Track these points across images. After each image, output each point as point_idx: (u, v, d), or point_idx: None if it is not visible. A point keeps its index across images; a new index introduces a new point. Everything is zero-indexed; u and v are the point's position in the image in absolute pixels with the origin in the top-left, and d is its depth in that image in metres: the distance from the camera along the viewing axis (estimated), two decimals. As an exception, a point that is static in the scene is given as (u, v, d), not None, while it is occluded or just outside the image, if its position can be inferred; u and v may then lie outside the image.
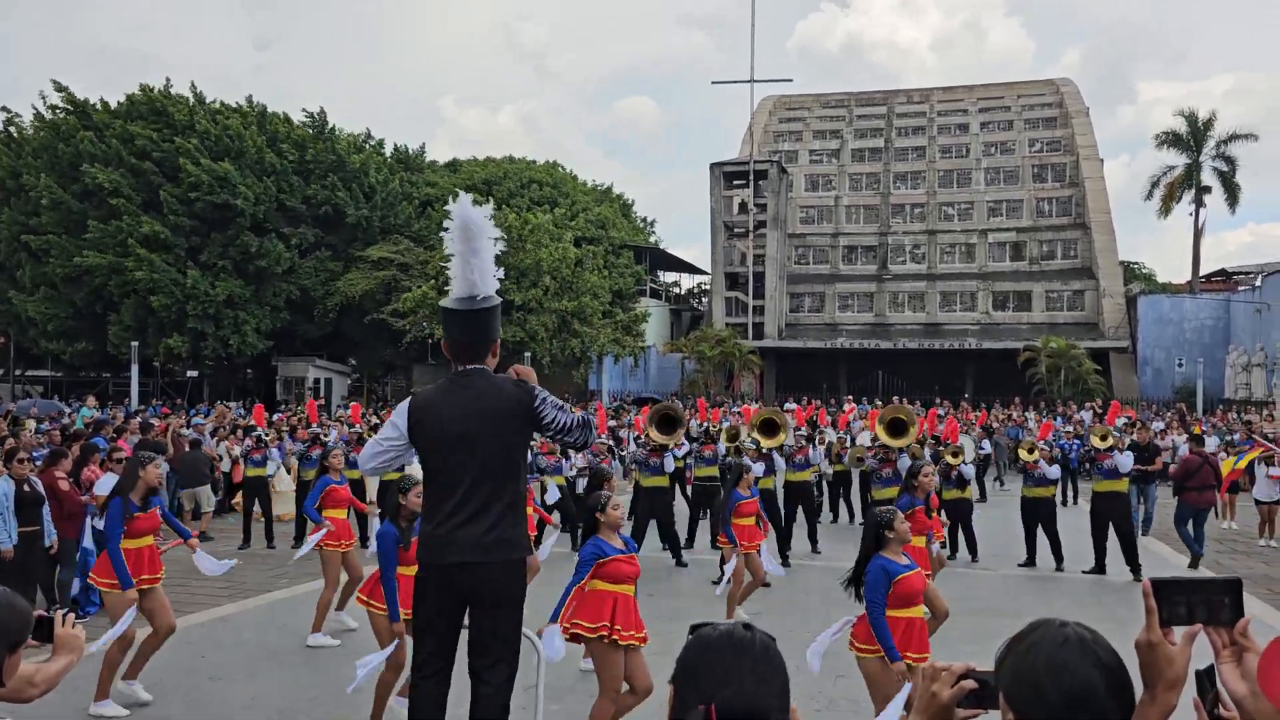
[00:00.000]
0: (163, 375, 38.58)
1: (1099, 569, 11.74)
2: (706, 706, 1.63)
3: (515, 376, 4.19)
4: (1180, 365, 40.12)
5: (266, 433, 15.36)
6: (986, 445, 21.39)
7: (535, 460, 12.95)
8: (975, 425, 24.38)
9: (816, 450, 14.60)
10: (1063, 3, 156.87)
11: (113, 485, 7.51)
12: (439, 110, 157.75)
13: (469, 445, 4.00)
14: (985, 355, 42.02)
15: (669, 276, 57.74)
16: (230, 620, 9.05)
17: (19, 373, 40.74)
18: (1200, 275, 45.81)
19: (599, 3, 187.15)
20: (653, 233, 56.18)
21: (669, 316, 50.63)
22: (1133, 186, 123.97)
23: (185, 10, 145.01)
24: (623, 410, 28.23)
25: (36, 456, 10.17)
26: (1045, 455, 12.54)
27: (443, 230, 4.30)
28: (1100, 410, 26.24)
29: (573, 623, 5.45)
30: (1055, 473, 12.51)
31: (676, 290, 58.41)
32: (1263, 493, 14.75)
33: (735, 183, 47.30)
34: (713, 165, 47.18)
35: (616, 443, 20.82)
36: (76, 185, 32.75)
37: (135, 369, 26.75)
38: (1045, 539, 12.20)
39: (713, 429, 16.02)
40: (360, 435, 14.53)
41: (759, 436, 13.07)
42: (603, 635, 5.38)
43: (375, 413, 24.18)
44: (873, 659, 5.14)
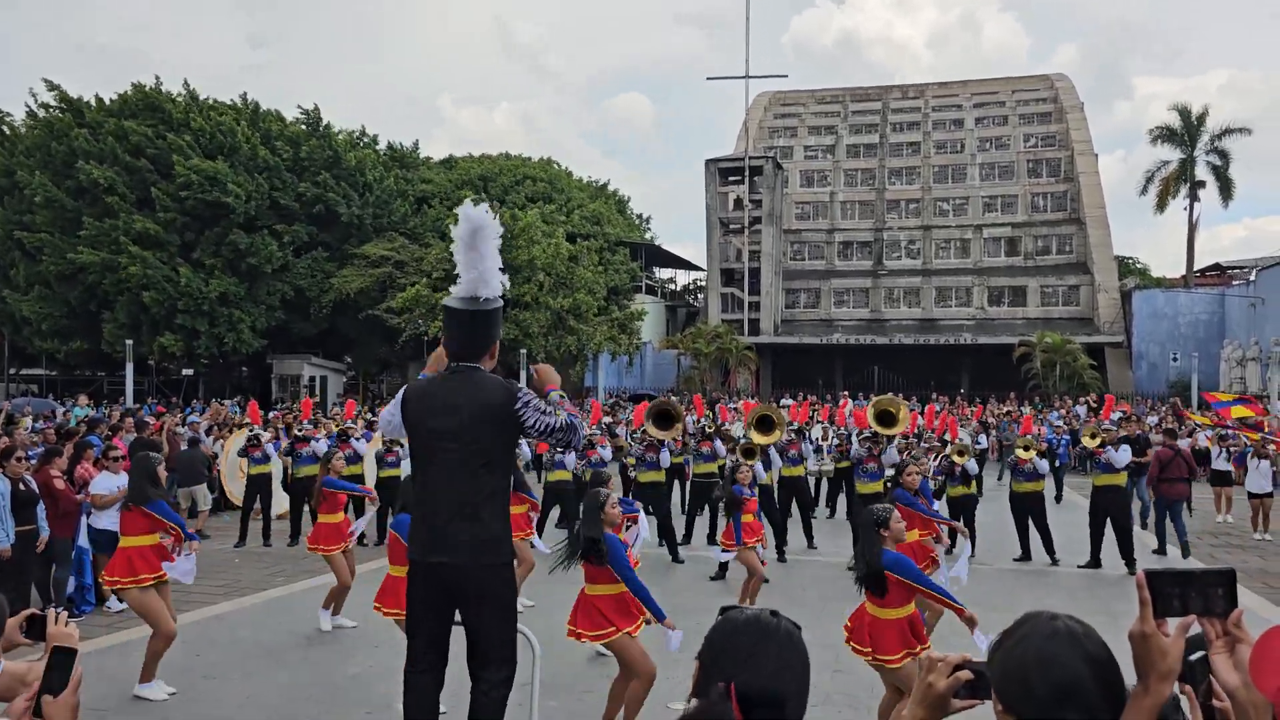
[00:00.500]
0: (158, 374, 38.47)
1: (1094, 563, 11.79)
2: (726, 685, 1.70)
3: (536, 376, 4.36)
4: (1175, 360, 40.19)
5: (263, 430, 15.28)
6: (983, 439, 21.47)
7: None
8: (972, 420, 24.50)
9: (807, 446, 14.62)
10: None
11: (124, 485, 7.83)
12: (437, 109, 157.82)
13: (451, 440, 4.07)
14: (981, 350, 42.06)
15: (665, 273, 57.80)
16: (225, 618, 9.04)
17: (13, 371, 40.64)
18: (1195, 270, 45.98)
19: (596, 2, 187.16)
20: (649, 229, 56.21)
21: (665, 313, 50.64)
22: (1128, 182, 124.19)
23: (185, 10, 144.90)
24: (619, 407, 28.20)
25: (31, 455, 10.13)
26: (1037, 448, 12.63)
27: (442, 226, 4.37)
28: (1095, 405, 26.27)
29: (578, 631, 5.59)
30: (1045, 466, 12.63)
31: (672, 286, 58.45)
32: (1255, 485, 14.82)
33: (730, 179, 47.30)
34: (708, 161, 47.15)
35: (612, 437, 20.75)
36: (70, 182, 32.65)
37: (130, 367, 26.60)
38: (1037, 534, 12.25)
39: (721, 427, 16.01)
40: (345, 432, 14.35)
41: (755, 434, 13.06)
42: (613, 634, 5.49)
43: (371, 409, 24.11)
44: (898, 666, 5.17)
